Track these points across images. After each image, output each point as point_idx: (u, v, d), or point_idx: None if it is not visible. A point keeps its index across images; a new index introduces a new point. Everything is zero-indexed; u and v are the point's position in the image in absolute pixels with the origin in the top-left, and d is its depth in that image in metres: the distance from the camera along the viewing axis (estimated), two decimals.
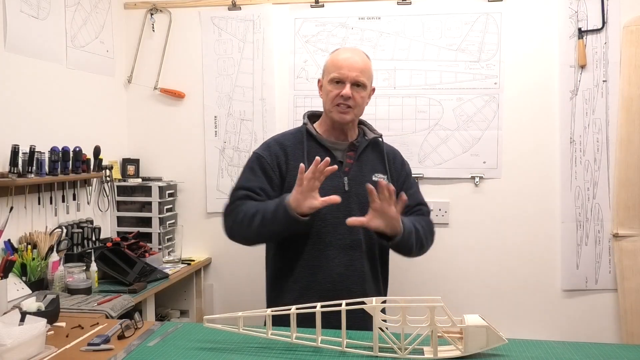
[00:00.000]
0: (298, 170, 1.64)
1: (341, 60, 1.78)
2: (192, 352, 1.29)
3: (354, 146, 1.82)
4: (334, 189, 1.73)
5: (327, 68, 1.83)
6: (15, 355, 1.21)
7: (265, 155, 1.79)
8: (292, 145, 1.81)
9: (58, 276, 1.96)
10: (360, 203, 1.76)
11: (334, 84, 1.78)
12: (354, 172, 1.80)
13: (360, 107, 1.81)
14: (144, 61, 2.75)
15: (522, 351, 1.28)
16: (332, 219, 1.74)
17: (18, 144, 1.92)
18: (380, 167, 1.87)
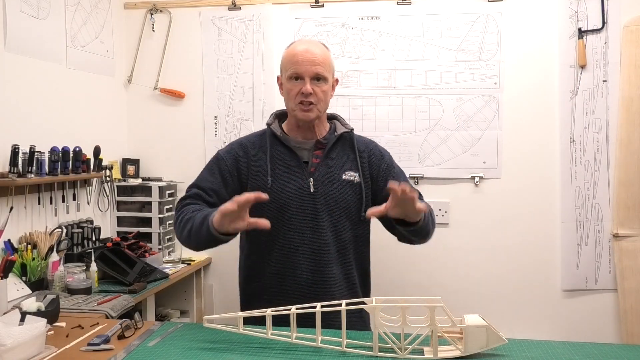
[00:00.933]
0: (260, 173, 1.66)
1: (298, 55, 1.66)
2: (192, 352, 1.29)
3: (321, 144, 1.71)
4: (298, 191, 1.66)
5: (283, 64, 1.70)
6: (15, 355, 1.21)
7: (226, 158, 1.71)
8: (255, 148, 1.72)
9: (58, 276, 1.96)
10: (328, 204, 1.68)
11: (293, 80, 1.65)
12: (320, 172, 1.69)
13: (324, 102, 1.69)
14: (144, 61, 2.75)
15: (522, 351, 1.28)
16: (297, 223, 1.66)
17: (18, 144, 1.92)
18: (351, 164, 1.73)
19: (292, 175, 1.68)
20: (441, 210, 2.56)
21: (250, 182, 1.68)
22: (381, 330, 1.25)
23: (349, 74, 2.58)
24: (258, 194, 1.47)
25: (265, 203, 1.56)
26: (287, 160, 1.70)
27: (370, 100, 2.58)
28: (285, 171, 1.69)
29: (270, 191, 1.62)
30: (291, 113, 1.71)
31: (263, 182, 1.66)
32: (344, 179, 1.71)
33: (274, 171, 1.68)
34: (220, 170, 1.71)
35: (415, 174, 2.56)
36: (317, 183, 1.68)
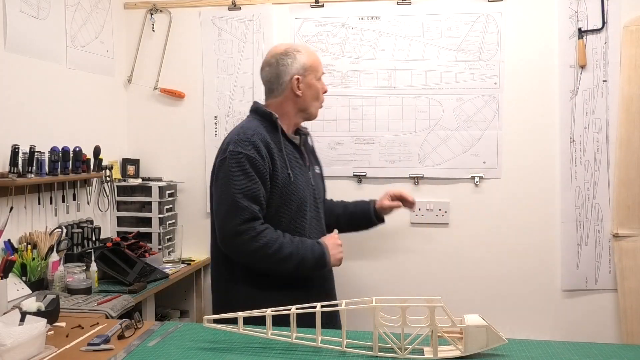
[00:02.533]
0: (281, 167, 1.69)
1: (318, 57, 1.85)
2: (192, 352, 1.29)
3: (303, 141, 1.89)
4: (307, 184, 1.80)
5: (312, 66, 1.81)
6: (15, 355, 1.21)
7: (254, 156, 1.66)
8: (272, 142, 1.72)
9: (58, 276, 1.96)
10: (320, 196, 1.89)
11: (320, 81, 1.84)
12: (310, 166, 1.88)
13: None
14: (144, 61, 2.75)
15: (522, 351, 1.28)
16: (309, 214, 1.80)
17: (18, 144, 1.92)
18: (314, 158, 1.95)
19: (301, 170, 1.80)
20: (441, 210, 2.56)
21: (276, 176, 1.71)
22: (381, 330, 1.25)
23: (349, 74, 2.58)
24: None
25: (288, 197, 1.72)
26: (295, 154, 1.81)
27: (370, 100, 2.58)
28: (296, 165, 1.79)
29: (292, 185, 1.73)
30: (311, 110, 1.85)
31: (285, 177, 1.72)
32: (317, 172, 1.92)
33: (290, 164, 1.75)
34: (258, 170, 1.66)
35: (415, 174, 2.56)
36: (312, 176, 1.86)
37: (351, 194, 2.60)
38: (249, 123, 1.78)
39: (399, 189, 2.13)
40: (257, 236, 1.63)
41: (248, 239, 1.62)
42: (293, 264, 1.66)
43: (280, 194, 1.71)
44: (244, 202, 1.63)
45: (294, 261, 1.65)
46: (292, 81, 1.78)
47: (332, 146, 2.60)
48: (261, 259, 1.65)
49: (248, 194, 1.64)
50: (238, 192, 1.63)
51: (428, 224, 2.58)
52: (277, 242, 1.64)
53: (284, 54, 1.80)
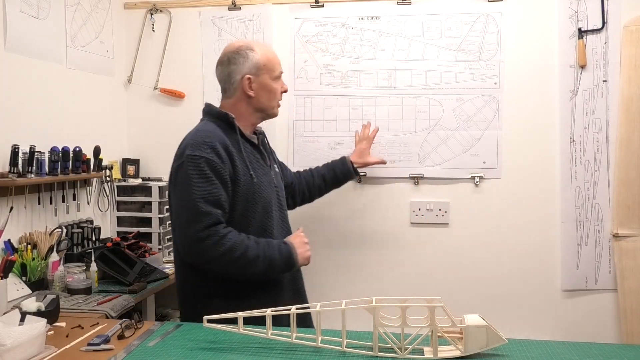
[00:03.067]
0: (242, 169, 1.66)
1: (277, 57, 1.81)
2: (192, 352, 1.29)
3: (260, 140, 1.86)
4: (270, 184, 1.78)
5: (267, 65, 1.75)
6: (15, 355, 1.21)
7: (214, 159, 1.61)
8: (230, 143, 1.68)
9: (58, 276, 1.96)
10: (282, 195, 1.87)
11: (277, 80, 1.79)
12: (271, 165, 1.86)
13: None
14: (144, 61, 2.75)
15: (522, 351, 1.28)
16: (275, 214, 1.78)
17: (18, 144, 1.92)
18: (273, 156, 1.95)
19: (263, 170, 1.78)
20: (441, 211, 2.56)
21: (238, 179, 1.66)
22: (381, 330, 1.25)
23: (349, 74, 2.58)
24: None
25: (253, 199, 1.69)
26: (256, 155, 1.78)
27: (370, 100, 2.58)
28: (258, 165, 1.76)
29: (256, 186, 1.69)
30: (268, 111, 1.81)
31: (248, 177, 1.68)
32: (277, 171, 1.90)
33: (252, 165, 1.72)
34: (218, 173, 1.61)
35: (415, 174, 2.56)
36: (274, 175, 1.84)
37: (351, 194, 2.61)
38: (204, 126, 1.73)
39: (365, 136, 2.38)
40: (220, 241, 1.57)
41: (211, 244, 1.56)
42: (261, 267, 1.60)
43: (245, 197, 1.66)
44: (205, 207, 1.57)
45: (261, 264, 1.60)
46: (244, 81, 1.73)
47: (332, 146, 2.60)
48: (227, 264, 1.59)
49: (209, 198, 1.58)
50: (198, 197, 1.57)
51: (428, 224, 2.58)
52: (243, 246, 1.59)
53: (236, 52, 1.74)
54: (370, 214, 2.60)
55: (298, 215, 2.62)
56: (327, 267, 2.63)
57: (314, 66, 2.60)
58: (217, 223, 1.58)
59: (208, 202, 1.58)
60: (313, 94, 2.61)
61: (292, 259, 1.66)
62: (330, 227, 2.62)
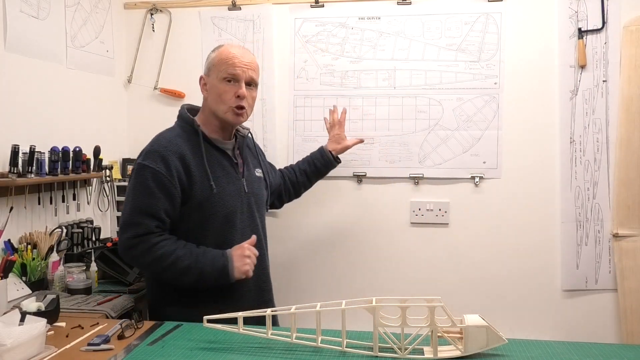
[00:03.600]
0: (201, 179, 1.62)
1: (235, 57, 1.69)
2: (192, 352, 1.29)
3: (237, 145, 1.79)
4: (237, 192, 1.72)
5: (215, 65, 1.72)
6: (15, 355, 1.21)
7: (162, 170, 1.60)
8: (190, 152, 1.66)
9: (58, 276, 1.96)
10: (257, 202, 1.79)
11: (226, 83, 1.69)
12: (245, 171, 1.78)
13: (251, 108, 1.76)
14: (144, 61, 2.75)
15: (522, 351, 1.28)
16: (240, 223, 1.73)
17: (18, 144, 1.92)
18: (256, 161, 1.88)
19: (230, 178, 1.72)
20: (441, 211, 2.56)
21: (194, 189, 1.64)
22: (381, 330, 1.25)
23: (349, 74, 2.58)
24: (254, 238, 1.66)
25: (211, 209, 1.65)
26: (222, 162, 1.72)
27: (370, 100, 2.58)
28: (223, 174, 1.71)
29: (215, 196, 1.65)
30: (221, 115, 1.72)
31: (207, 188, 1.65)
32: (257, 176, 1.84)
33: (214, 175, 1.67)
34: (163, 187, 1.61)
35: (415, 174, 2.56)
36: (247, 182, 1.77)
37: (351, 194, 2.61)
38: (169, 132, 1.74)
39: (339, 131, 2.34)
40: (150, 249, 1.58)
41: (140, 252, 1.59)
42: (192, 277, 1.60)
43: (201, 207, 1.65)
44: (138, 218, 1.59)
45: (192, 274, 1.59)
46: (200, 80, 1.78)
47: None
48: (158, 273, 1.63)
49: (146, 210, 1.59)
50: (135, 207, 1.61)
51: (428, 224, 2.58)
52: (174, 255, 1.58)
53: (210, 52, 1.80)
54: (370, 214, 2.60)
55: (298, 215, 2.63)
56: (327, 267, 2.63)
57: (314, 66, 2.60)
58: (149, 233, 1.60)
59: (143, 213, 1.59)
60: (313, 94, 2.61)
61: (225, 271, 1.59)
62: (330, 227, 2.62)
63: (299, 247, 2.65)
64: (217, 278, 1.60)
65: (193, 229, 1.67)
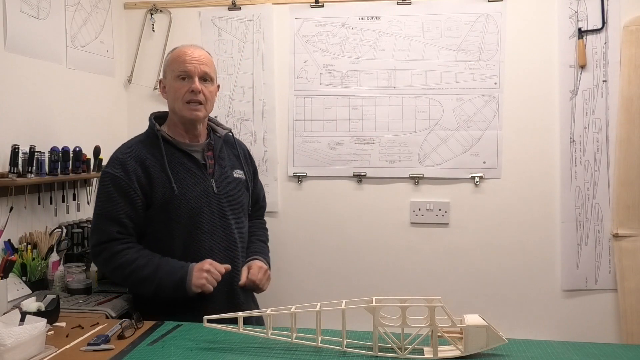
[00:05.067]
0: (162, 181, 1.64)
1: (186, 55, 1.73)
2: (192, 352, 1.29)
3: (210, 145, 1.79)
4: (204, 193, 1.72)
5: (169, 66, 1.76)
6: (15, 355, 1.21)
7: (122, 176, 1.65)
8: (150, 157, 1.70)
9: (58, 276, 1.96)
10: (230, 203, 1.77)
11: (180, 80, 1.72)
12: (217, 172, 1.78)
13: (210, 102, 1.76)
14: (144, 61, 2.75)
15: (522, 351, 1.28)
16: (209, 224, 1.72)
17: (18, 144, 1.92)
18: (237, 162, 1.87)
19: (195, 179, 1.73)
20: (441, 211, 2.56)
21: (155, 192, 1.67)
22: (381, 330, 1.25)
23: (349, 74, 2.58)
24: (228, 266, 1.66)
25: (175, 211, 1.67)
26: (186, 164, 1.73)
27: (370, 100, 2.58)
28: (188, 175, 1.72)
29: (177, 198, 1.67)
30: (178, 113, 1.74)
31: (169, 190, 1.67)
32: (235, 177, 1.82)
33: (176, 176, 1.69)
34: (123, 192, 1.65)
35: (415, 174, 2.56)
36: (218, 183, 1.76)
37: (351, 194, 2.61)
38: (131, 139, 1.80)
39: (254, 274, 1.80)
40: (112, 257, 1.63)
41: (103, 259, 1.66)
42: (151, 287, 1.63)
43: (164, 209, 1.67)
44: (100, 224, 1.66)
45: (151, 284, 1.62)
46: (159, 84, 1.82)
47: (332, 146, 2.60)
48: (120, 281, 1.69)
49: (106, 215, 1.65)
50: (97, 213, 1.69)
51: (428, 224, 2.58)
52: (134, 264, 1.61)
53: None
54: (370, 214, 2.60)
55: (298, 215, 2.63)
56: (327, 266, 2.63)
57: (314, 66, 2.60)
58: (111, 240, 1.64)
59: (105, 218, 1.65)
60: (313, 94, 2.61)
61: (182, 284, 1.61)
62: (330, 227, 2.62)
63: (298, 247, 2.65)
64: (174, 289, 1.62)
65: (160, 232, 1.70)
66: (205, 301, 1.64)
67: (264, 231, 2.02)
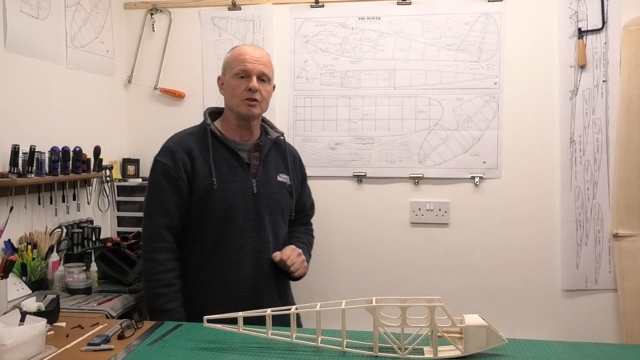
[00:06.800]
0: (204, 174, 1.70)
1: (245, 54, 1.77)
2: (192, 352, 1.29)
3: (258, 146, 1.81)
4: (243, 192, 1.75)
5: (229, 64, 1.79)
6: (15, 355, 1.21)
7: (171, 164, 1.73)
8: (197, 148, 1.76)
9: (58, 276, 1.96)
10: (268, 205, 1.79)
11: (239, 78, 1.75)
12: (260, 173, 1.79)
13: (266, 101, 1.79)
14: (144, 61, 2.75)
15: (522, 351, 1.28)
16: (242, 223, 1.74)
17: (18, 144, 1.92)
18: (283, 167, 1.88)
19: (236, 177, 1.75)
20: (441, 211, 2.56)
21: (196, 183, 1.73)
22: (381, 330, 1.25)
23: (349, 74, 2.58)
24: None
25: (212, 204, 1.71)
26: (230, 161, 1.77)
27: (370, 100, 2.58)
28: (229, 172, 1.75)
29: (215, 192, 1.71)
30: (234, 110, 1.78)
31: (208, 183, 1.72)
32: (279, 181, 1.84)
33: (218, 172, 1.73)
34: (171, 181, 1.72)
35: (415, 174, 2.57)
36: (259, 184, 1.78)
37: (351, 194, 2.61)
38: (184, 130, 1.86)
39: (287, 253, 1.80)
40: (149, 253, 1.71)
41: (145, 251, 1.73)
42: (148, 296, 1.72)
43: (202, 201, 1.72)
44: (149, 212, 1.74)
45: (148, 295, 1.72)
46: (218, 81, 1.86)
47: (332, 146, 2.60)
48: (143, 273, 1.75)
49: (156, 204, 1.73)
50: (147, 201, 1.76)
51: (428, 224, 2.58)
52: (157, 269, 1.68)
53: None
54: (370, 214, 2.60)
55: None
56: (327, 267, 2.63)
57: (314, 66, 2.60)
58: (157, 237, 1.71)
59: (154, 207, 1.73)
60: (313, 94, 2.61)
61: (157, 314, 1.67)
62: (331, 227, 2.62)
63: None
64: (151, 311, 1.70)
65: (194, 222, 1.74)
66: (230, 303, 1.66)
67: (306, 235, 2.00)
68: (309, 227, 2.06)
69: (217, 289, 1.72)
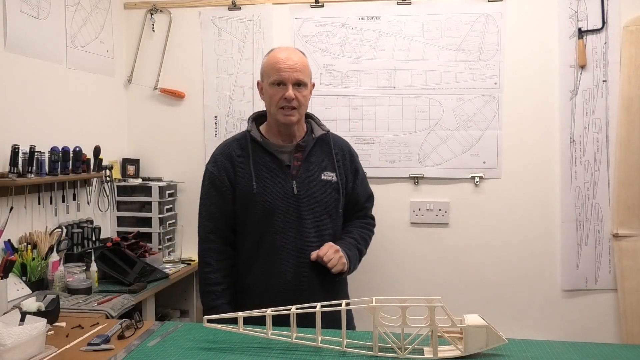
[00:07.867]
0: (245, 179, 1.76)
1: (280, 62, 1.76)
2: (192, 352, 1.29)
3: (300, 147, 1.82)
4: (283, 194, 1.77)
5: (265, 71, 1.80)
6: (15, 355, 1.21)
7: (216, 172, 1.81)
8: (238, 155, 1.81)
9: (58, 276, 1.96)
10: (310, 205, 1.79)
11: (276, 86, 1.76)
12: (302, 174, 1.80)
13: (304, 106, 1.80)
14: (144, 61, 2.75)
15: (522, 351, 1.28)
16: (283, 224, 1.77)
17: (18, 144, 1.92)
18: (329, 164, 1.86)
19: (276, 179, 1.78)
20: (441, 211, 2.56)
21: (238, 188, 1.79)
22: (381, 330, 1.25)
23: (349, 74, 2.58)
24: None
25: (253, 207, 1.76)
26: (269, 164, 1.80)
27: (370, 100, 2.58)
28: (269, 175, 1.78)
29: (255, 196, 1.76)
30: (273, 117, 1.81)
31: (249, 188, 1.77)
32: (323, 179, 1.83)
33: (258, 176, 1.77)
34: (216, 187, 1.81)
35: (415, 174, 2.57)
36: (300, 185, 1.79)
37: None
38: (230, 137, 1.91)
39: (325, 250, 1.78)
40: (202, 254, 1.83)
41: (200, 253, 1.84)
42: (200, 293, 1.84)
43: (244, 205, 1.78)
44: (201, 218, 1.85)
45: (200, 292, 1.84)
46: (257, 85, 1.88)
47: None
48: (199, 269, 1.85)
49: (205, 211, 1.84)
50: (200, 207, 1.87)
51: (428, 224, 2.58)
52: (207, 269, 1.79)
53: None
54: None
55: None
56: None
57: (314, 66, 2.59)
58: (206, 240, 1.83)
59: (203, 214, 1.85)
60: (313, 94, 2.60)
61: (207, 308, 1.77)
62: None
63: None
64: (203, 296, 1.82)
65: (240, 225, 1.82)
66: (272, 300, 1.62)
67: (359, 230, 1.94)
68: (366, 220, 2.00)
69: (261, 287, 1.77)
